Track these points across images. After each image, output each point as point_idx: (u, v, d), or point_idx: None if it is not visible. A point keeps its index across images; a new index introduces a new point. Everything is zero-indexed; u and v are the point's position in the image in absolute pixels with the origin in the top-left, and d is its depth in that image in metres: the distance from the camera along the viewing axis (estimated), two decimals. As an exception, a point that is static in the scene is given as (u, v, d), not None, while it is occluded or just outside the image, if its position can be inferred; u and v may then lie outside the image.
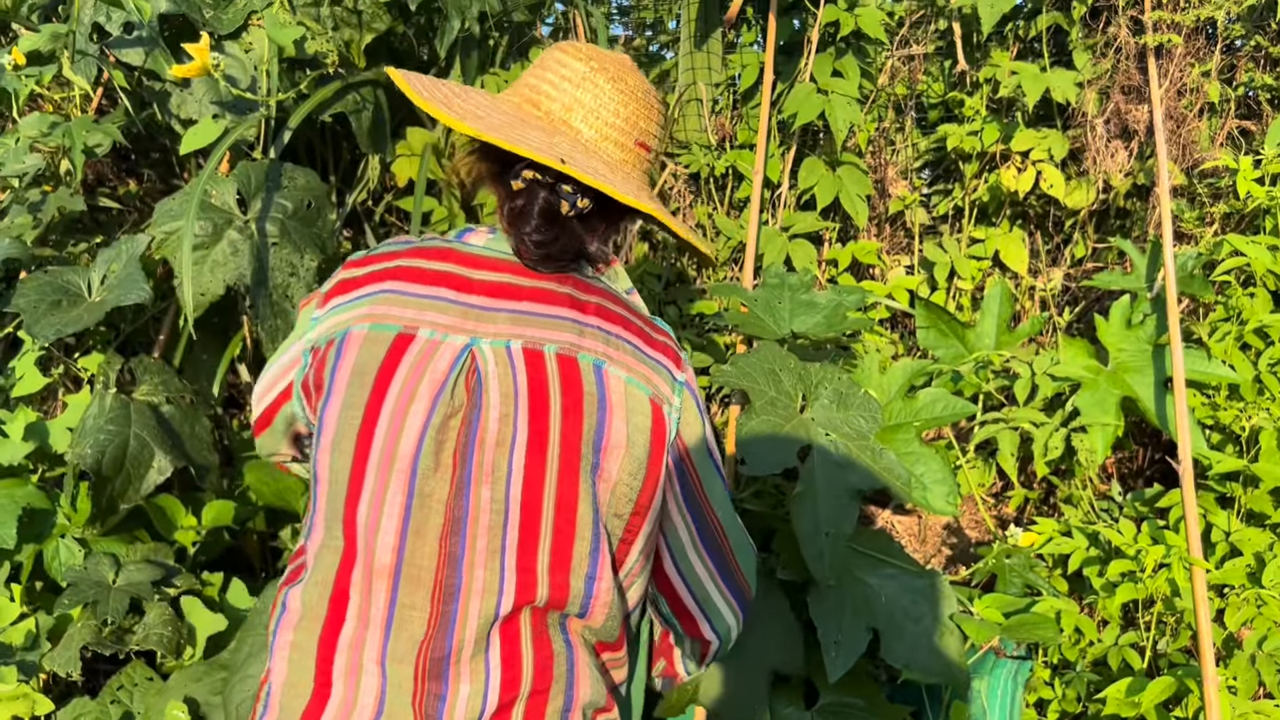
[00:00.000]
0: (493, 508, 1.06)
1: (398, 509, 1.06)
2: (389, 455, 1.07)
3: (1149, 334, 2.07)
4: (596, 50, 1.20)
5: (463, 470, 1.07)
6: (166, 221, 1.95)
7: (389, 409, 1.08)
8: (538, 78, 1.19)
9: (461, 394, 1.09)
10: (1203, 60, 2.29)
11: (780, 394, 1.79)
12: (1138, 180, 2.32)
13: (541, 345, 1.11)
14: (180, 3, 2.09)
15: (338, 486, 1.08)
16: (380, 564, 1.06)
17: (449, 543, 1.06)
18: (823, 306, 2.06)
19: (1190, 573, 1.83)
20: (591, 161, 1.12)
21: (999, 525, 2.43)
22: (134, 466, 1.80)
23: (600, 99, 1.17)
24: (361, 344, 1.10)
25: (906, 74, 2.54)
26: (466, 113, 1.11)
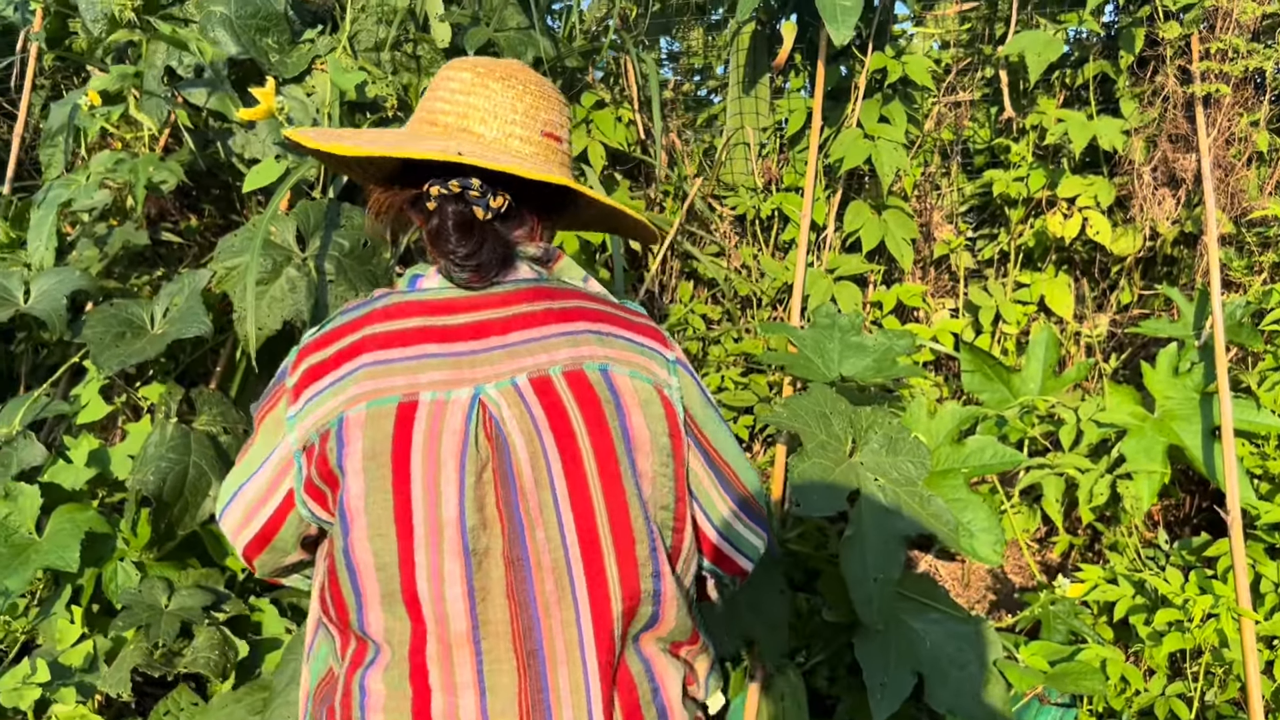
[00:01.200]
0: (550, 547, 1.06)
1: (458, 576, 1.04)
2: (435, 527, 1.05)
3: (1196, 382, 2.06)
4: (482, 59, 1.18)
5: (511, 520, 1.06)
6: (228, 257, 2.01)
7: (419, 482, 1.05)
8: (430, 98, 1.17)
9: (485, 446, 1.06)
10: (1251, 110, 2.30)
11: (830, 437, 1.80)
12: (1185, 228, 2.32)
13: (545, 370, 1.09)
14: (248, 48, 2.16)
15: (388, 570, 1.05)
16: (456, 632, 1.04)
17: (517, 592, 1.05)
18: (872, 349, 2.08)
19: (1239, 624, 1.81)
20: (494, 155, 1.10)
21: (1043, 571, 2.41)
22: (192, 494, 1.85)
23: (494, 100, 1.14)
24: (364, 425, 1.06)
25: (953, 120, 2.57)
26: (360, 143, 1.08)
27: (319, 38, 2.25)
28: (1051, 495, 2.02)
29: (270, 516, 1.16)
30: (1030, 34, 2.30)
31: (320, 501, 1.11)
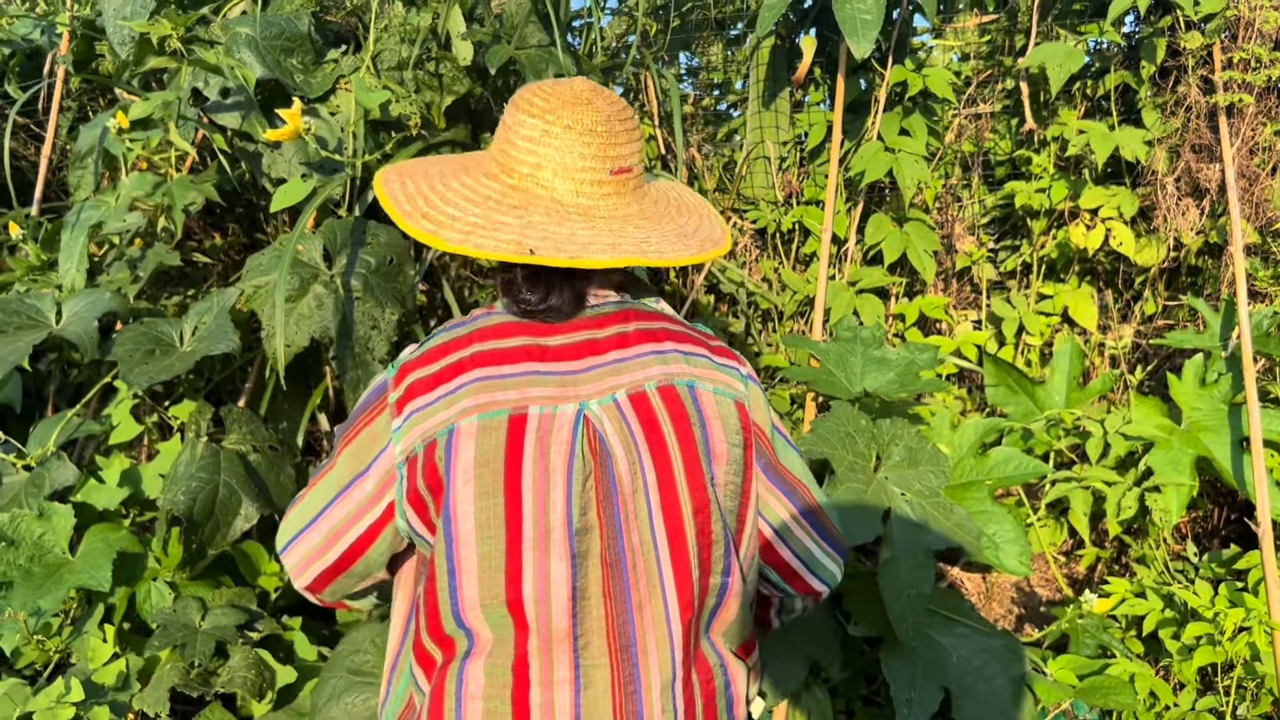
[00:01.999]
0: (643, 549, 1.17)
1: (564, 578, 1.13)
2: (544, 530, 1.14)
3: (1223, 393, 2.05)
4: (548, 95, 1.23)
5: (610, 524, 1.16)
6: (257, 275, 2.03)
7: (530, 489, 1.14)
8: (505, 142, 1.25)
9: (589, 457, 1.16)
10: (1275, 119, 2.29)
11: (857, 457, 1.80)
12: (1209, 238, 2.32)
13: (641, 386, 1.20)
14: (273, 68, 2.19)
15: (494, 573, 1.13)
16: (558, 629, 1.13)
17: (613, 591, 1.16)
18: (895, 364, 2.07)
19: (1271, 637, 1.80)
20: (565, 225, 1.18)
21: (1070, 584, 2.40)
22: (223, 513, 1.87)
23: (563, 150, 1.21)
24: (475, 435, 1.15)
25: (974, 132, 2.57)
26: (443, 220, 1.18)
27: (343, 58, 2.27)
28: (1079, 509, 2.02)
29: (358, 538, 1.23)
30: (1051, 45, 2.31)
31: (421, 512, 1.18)
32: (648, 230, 1.26)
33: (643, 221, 1.27)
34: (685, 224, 1.33)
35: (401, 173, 1.28)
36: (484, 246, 1.15)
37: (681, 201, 1.39)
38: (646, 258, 1.20)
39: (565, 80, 1.27)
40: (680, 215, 1.35)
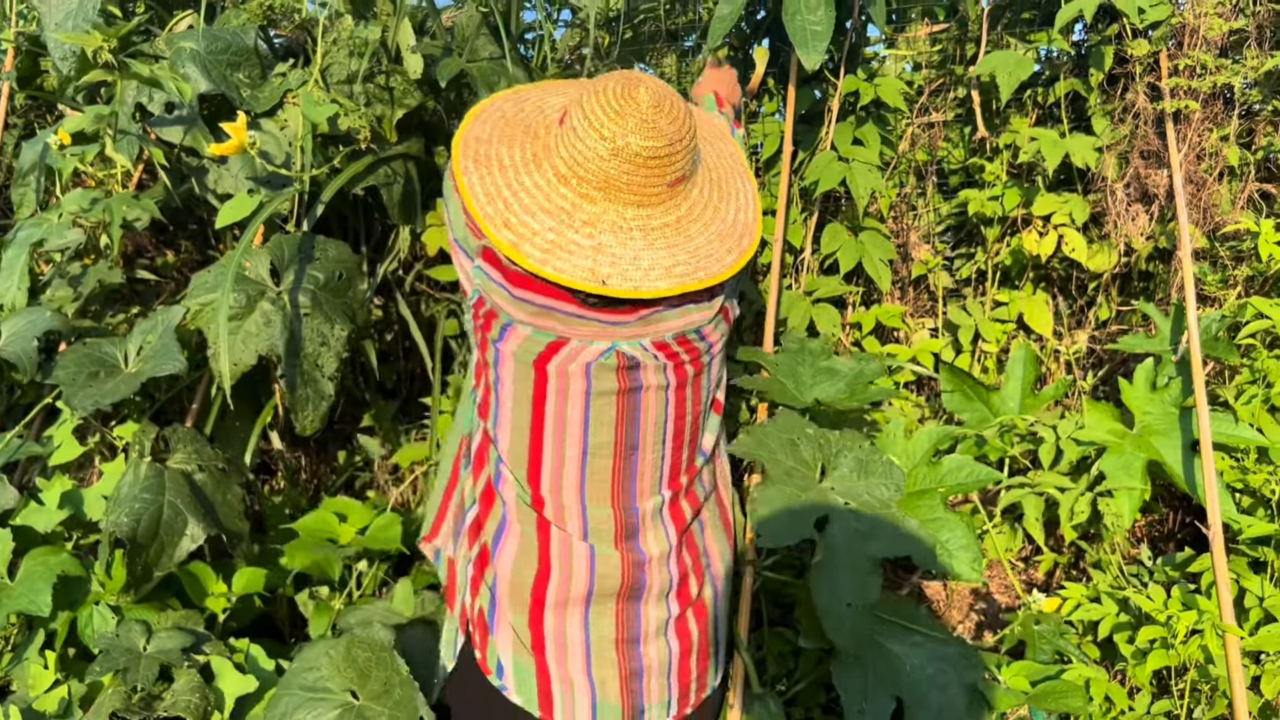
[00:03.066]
0: (658, 415, 1.53)
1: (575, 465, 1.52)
2: (560, 434, 1.50)
3: (1174, 397, 2.06)
4: (616, 117, 1.37)
5: (630, 408, 1.50)
6: (202, 293, 2.01)
7: (553, 392, 1.47)
8: (577, 143, 1.39)
9: (614, 371, 1.46)
10: (1221, 125, 2.31)
11: (798, 463, 1.79)
12: (1159, 243, 2.33)
13: (663, 336, 1.48)
14: (218, 83, 2.16)
15: (519, 457, 1.53)
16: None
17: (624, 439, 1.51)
18: (844, 374, 2.07)
19: (1223, 639, 1.80)
20: (629, 245, 1.39)
21: (1028, 590, 2.40)
22: (168, 534, 1.83)
23: (631, 172, 1.39)
24: (523, 341, 1.46)
25: (927, 140, 2.58)
26: (524, 233, 1.38)
27: (290, 72, 2.25)
28: (1032, 514, 2.02)
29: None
30: (1001, 54, 2.32)
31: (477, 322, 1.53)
32: (696, 235, 1.46)
33: (691, 224, 1.46)
34: (726, 214, 1.53)
35: (479, 159, 1.43)
36: (562, 272, 1.35)
37: (720, 178, 1.56)
38: (700, 281, 1.43)
39: (631, 91, 1.38)
40: (722, 201, 1.53)
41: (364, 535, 1.98)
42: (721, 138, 1.67)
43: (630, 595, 1.54)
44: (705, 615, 1.63)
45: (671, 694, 1.60)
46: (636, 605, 1.55)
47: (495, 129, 1.48)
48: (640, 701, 1.56)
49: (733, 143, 1.69)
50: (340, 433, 2.47)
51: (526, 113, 1.52)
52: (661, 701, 1.59)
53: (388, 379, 2.50)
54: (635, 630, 1.55)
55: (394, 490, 2.37)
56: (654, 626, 1.56)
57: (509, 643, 1.57)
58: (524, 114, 1.52)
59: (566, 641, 1.54)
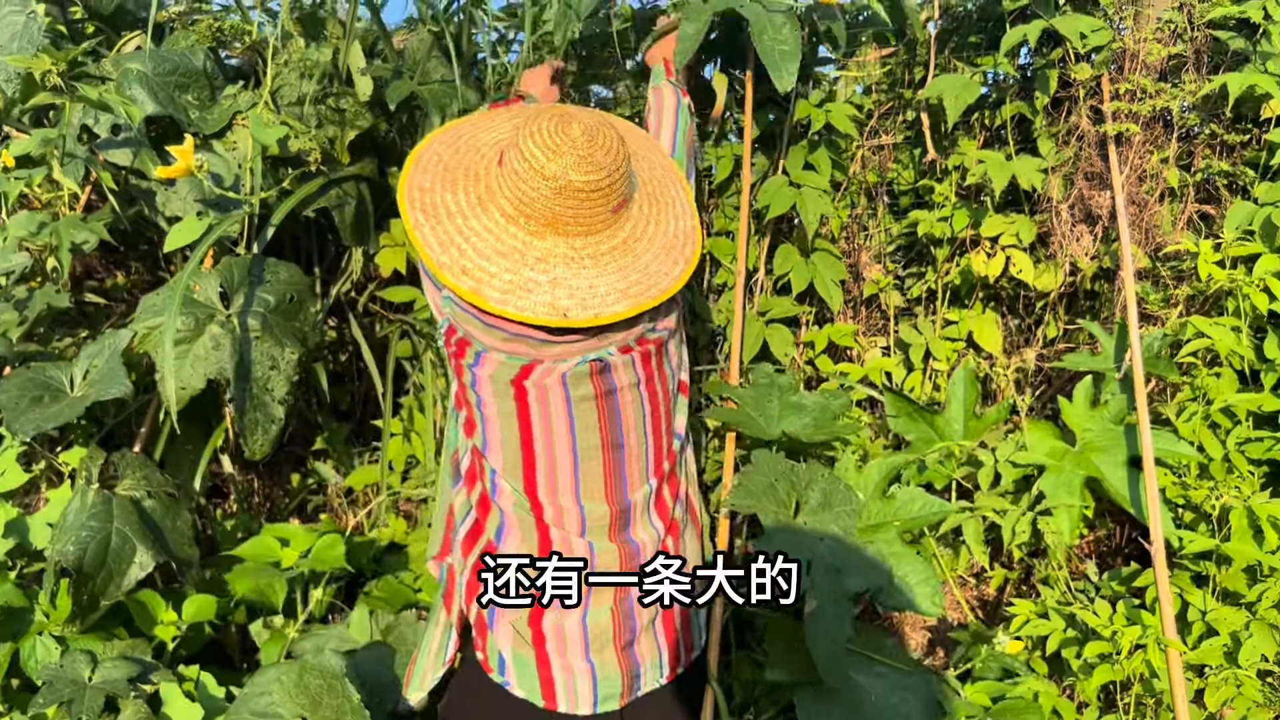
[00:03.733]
0: (636, 410, 1.61)
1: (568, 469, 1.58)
2: (549, 442, 1.56)
3: (1114, 414, 2.10)
4: (555, 154, 1.41)
5: (610, 408, 1.56)
6: (149, 316, 1.99)
7: (535, 403, 1.52)
8: (519, 184, 1.43)
9: (588, 377, 1.51)
10: (1161, 147, 2.36)
11: (779, 506, 1.81)
12: (1104, 263, 2.37)
13: (627, 341, 1.55)
14: (166, 105, 2.15)
15: (513, 469, 1.60)
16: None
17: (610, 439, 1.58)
18: (810, 409, 2.11)
19: (1166, 654, 1.84)
20: (583, 274, 1.45)
21: (981, 605, 2.43)
22: (115, 563, 1.81)
23: (575, 207, 1.43)
24: (498, 366, 1.52)
25: (877, 162, 2.61)
26: (481, 276, 1.42)
27: (240, 94, 2.24)
28: (972, 536, 2.05)
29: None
30: (948, 78, 2.35)
31: (449, 350, 1.60)
32: (643, 254, 1.52)
33: (637, 243, 1.53)
34: (668, 225, 1.60)
35: (426, 209, 1.48)
36: (524, 310, 1.42)
37: (655, 190, 1.64)
38: (654, 299, 1.50)
39: (565, 128, 1.42)
40: (662, 213, 1.60)
41: (307, 558, 1.97)
42: (651, 148, 1.74)
43: (624, 615, 1.64)
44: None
45: (661, 651, 1.68)
46: (631, 594, 1.62)
47: (436, 176, 1.53)
48: (636, 666, 1.65)
49: (661, 151, 1.76)
50: (293, 455, 2.45)
51: (463, 154, 1.57)
52: (654, 661, 1.67)
53: (342, 401, 2.49)
54: (631, 620, 1.64)
55: (348, 513, 2.35)
56: (646, 613, 1.65)
57: (509, 639, 1.64)
58: (461, 156, 1.56)
59: (565, 635, 1.61)
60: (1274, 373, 2.08)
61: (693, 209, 1.68)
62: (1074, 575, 2.20)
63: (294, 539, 2.05)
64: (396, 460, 2.29)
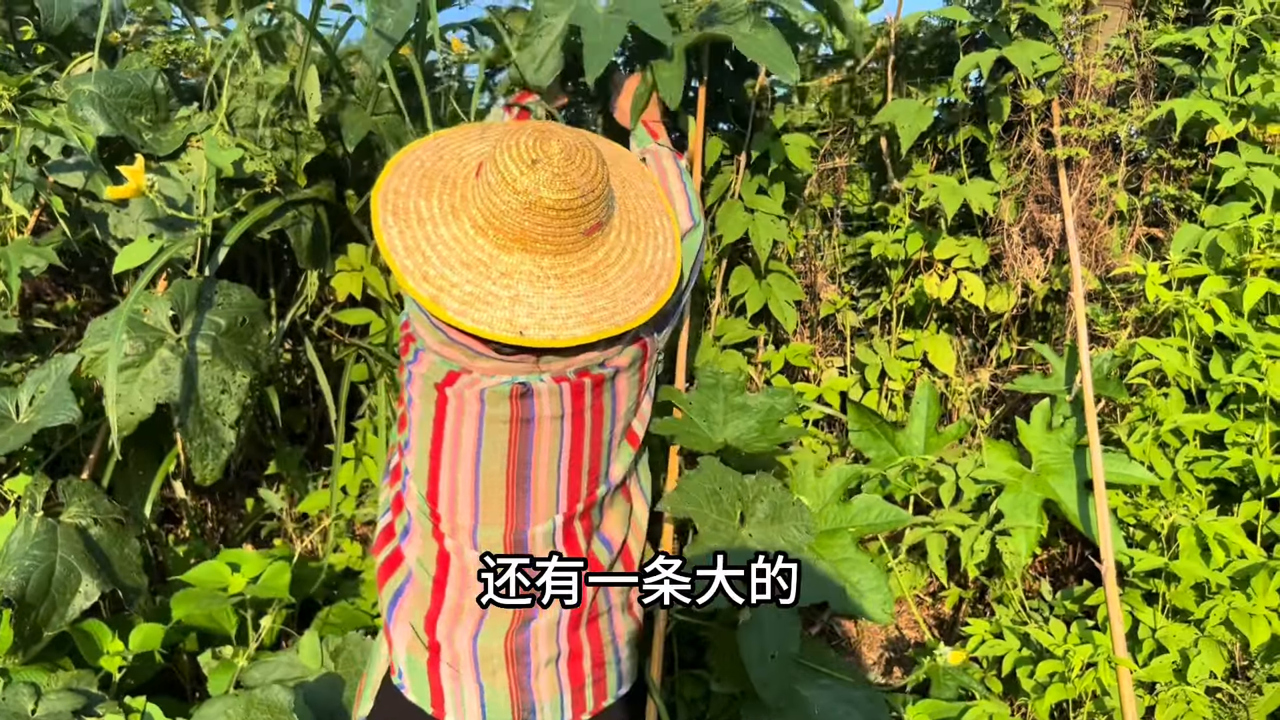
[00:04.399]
0: (552, 445, 1.54)
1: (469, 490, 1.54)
2: (455, 459, 1.54)
3: (1069, 436, 2.13)
4: (529, 169, 1.40)
5: (523, 437, 1.52)
6: (97, 340, 1.96)
7: (452, 412, 1.51)
8: (491, 196, 1.42)
9: (507, 399, 1.48)
10: (1110, 171, 2.41)
11: (721, 515, 1.80)
12: (1055, 285, 2.41)
13: (564, 372, 1.50)
14: (119, 126, 2.12)
15: (421, 457, 1.57)
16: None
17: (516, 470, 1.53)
18: (755, 410, 2.08)
19: (1116, 672, 1.86)
20: (546, 294, 1.43)
21: (937, 624, 2.45)
22: (60, 592, 1.78)
23: (545, 224, 1.42)
24: (430, 365, 1.51)
25: (831, 184, 2.64)
26: (443, 285, 1.40)
27: (194, 115, 2.22)
28: (934, 552, 2.06)
29: None
30: (901, 104, 2.39)
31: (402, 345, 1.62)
32: (614, 280, 1.49)
33: (608, 269, 1.49)
34: (644, 256, 1.56)
35: (398, 212, 1.46)
36: (480, 323, 1.39)
37: (638, 220, 1.59)
38: (618, 326, 1.45)
39: (543, 143, 1.41)
40: (641, 243, 1.56)
41: (256, 584, 1.94)
42: (641, 177, 1.70)
43: (523, 617, 1.57)
44: (598, 632, 1.65)
45: (563, 692, 1.61)
46: (527, 629, 1.57)
47: (413, 181, 1.51)
48: (530, 701, 1.59)
49: (652, 180, 1.72)
50: (246, 480, 2.43)
51: (445, 161, 1.55)
52: (554, 703, 1.61)
53: (296, 424, 2.47)
54: (526, 656, 1.58)
55: (301, 538, 2.33)
56: (543, 638, 1.58)
57: (405, 640, 1.61)
58: (442, 163, 1.54)
59: (456, 649, 1.57)
60: (1219, 392, 2.11)
61: (678, 242, 1.63)
62: (1028, 594, 2.22)
63: (247, 564, 2.02)
64: (351, 484, 2.27)
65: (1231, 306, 2.13)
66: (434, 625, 1.58)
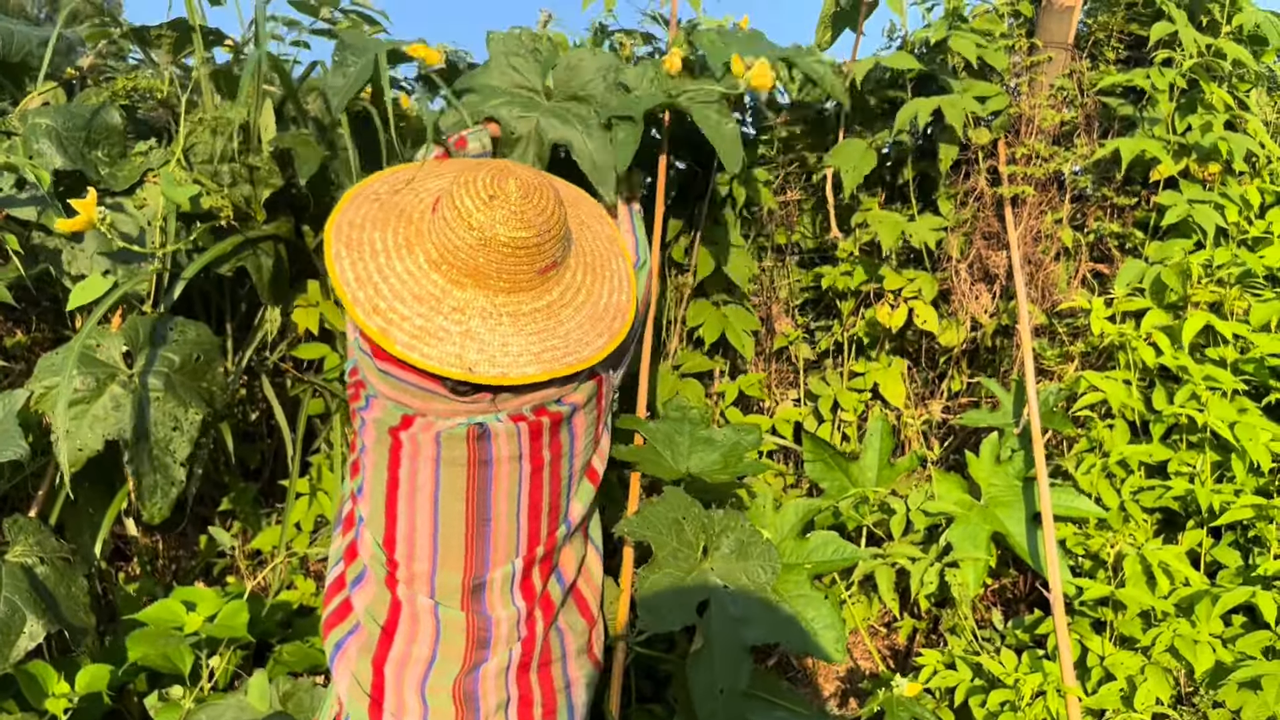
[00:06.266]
0: (510, 485, 1.53)
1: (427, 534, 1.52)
2: (412, 503, 1.52)
3: (1018, 469, 2.17)
4: (485, 206, 1.40)
5: (481, 479, 1.50)
6: (47, 375, 1.94)
7: (406, 458, 1.50)
8: (447, 232, 1.42)
9: (464, 441, 1.47)
10: (1056, 208, 2.46)
11: (683, 544, 1.82)
12: (1002, 320, 2.46)
13: (520, 409, 1.50)
14: (75, 160, 2.12)
15: (376, 520, 1.56)
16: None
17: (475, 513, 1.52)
18: (720, 444, 2.10)
19: (1065, 699, 1.88)
20: (498, 331, 1.43)
21: (892, 654, 2.47)
22: (4, 633, 1.74)
23: (499, 262, 1.42)
24: (383, 410, 1.49)
25: (784, 216, 2.68)
26: (393, 319, 1.40)
27: (152, 150, 2.22)
28: (885, 585, 2.09)
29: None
30: (846, 146, 2.43)
31: (352, 389, 1.59)
32: (567, 320, 1.49)
33: (562, 309, 1.50)
34: (600, 297, 1.57)
35: (350, 244, 1.45)
36: (429, 358, 1.39)
37: (594, 261, 1.60)
38: (569, 366, 1.46)
39: (501, 182, 1.43)
40: (596, 284, 1.57)
41: (213, 623, 1.92)
42: (599, 219, 1.72)
43: (473, 661, 1.55)
44: (550, 678, 1.63)
45: None
46: (476, 673, 1.55)
47: (369, 213, 1.51)
48: None
49: (610, 224, 1.74)
50: (199, 516, 2.40)
51: (401, 196, 1.55)
52: None
53: (250, 460, 2.45)
54: (473, 690, 1.55)
55: (254, 575, 2.31)
56: (492, 683, 1.55)
57: (346, 689, 1.58)
58: (399, 198, 1.55)
59: (404, 699, 1.54)
60: (1162, 423, 2.16)
61: (633, 284, 1.65)
62: (980, 623, 2.25)
63: (202, 602, 1.99)
64: (305, 520, 2.26)
65: (1173, 340, 2.19)
66: (381, 675, 1.55)
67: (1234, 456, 2.07)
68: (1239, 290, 2.19)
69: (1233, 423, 2.05)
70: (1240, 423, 2.05)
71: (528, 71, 2.19)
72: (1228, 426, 2.05)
